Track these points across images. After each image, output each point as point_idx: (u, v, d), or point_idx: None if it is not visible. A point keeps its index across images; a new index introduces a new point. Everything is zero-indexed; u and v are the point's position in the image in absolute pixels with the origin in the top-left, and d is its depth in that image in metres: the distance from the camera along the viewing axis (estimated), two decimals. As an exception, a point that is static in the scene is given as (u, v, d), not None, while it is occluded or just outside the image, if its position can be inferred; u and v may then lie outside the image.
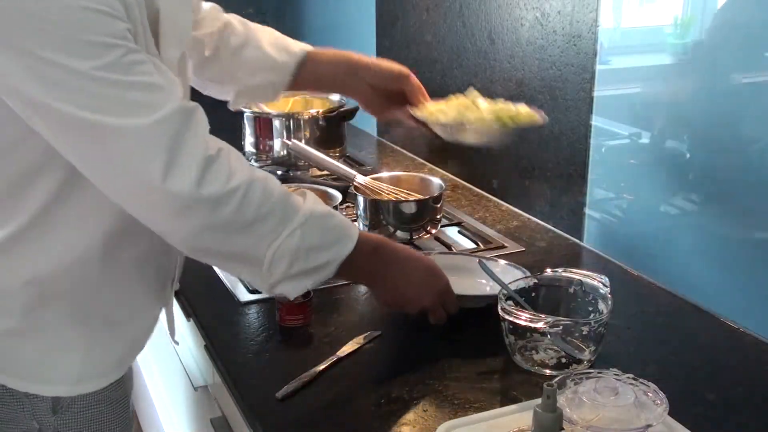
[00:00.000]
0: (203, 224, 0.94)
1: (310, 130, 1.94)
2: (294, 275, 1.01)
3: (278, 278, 1.00)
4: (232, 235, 0.96)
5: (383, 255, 1.12)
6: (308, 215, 1.01)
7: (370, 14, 2.39)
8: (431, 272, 1.18)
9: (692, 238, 1.37)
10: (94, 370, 1.11)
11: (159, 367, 1.97)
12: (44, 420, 1.09)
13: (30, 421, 1.09)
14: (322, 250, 1.02)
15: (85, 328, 1.08)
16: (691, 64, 1.36)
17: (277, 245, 0.98)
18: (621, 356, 1.16)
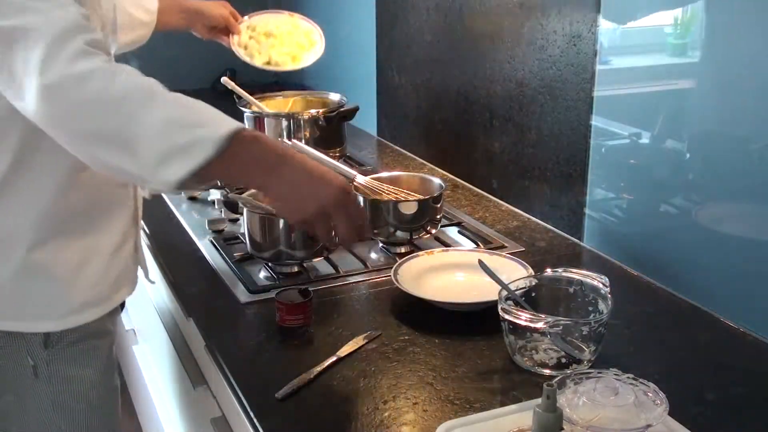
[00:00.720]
0: (73, 101, 0.98)
1: (310, 130, 1.94)
2: (169, 153, 0.97)
3: (154, 158, 0.97)
4: (102, 111, 0.98)
5: (269, 143, 1.05)
6: (179, 95, 1.01)
7: (370, 14, 2.39)
8: (327, 169, 1.08)
9: (692, 238, 1.37)
10: (74, 307, 1.24)
11: (159, 367, 1.97)
12: (37, 355, 1.22)
13: (25, 357, 1.22)
14: (198, 125, 0.99)
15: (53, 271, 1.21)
16: (691, 64, 1.36)
17: (148, 117, 0.98)
18: (621, 356, 1.16)
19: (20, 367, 1.22)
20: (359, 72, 2.52)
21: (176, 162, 0.97)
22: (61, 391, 1.26)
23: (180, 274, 1.49)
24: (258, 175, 1.04)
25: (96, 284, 1.26)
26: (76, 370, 1.26)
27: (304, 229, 1.10)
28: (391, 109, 2.38)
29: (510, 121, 1.80)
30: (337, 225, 1.07)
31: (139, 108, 0.98)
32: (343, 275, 1.45)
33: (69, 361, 1.25)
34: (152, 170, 0.98)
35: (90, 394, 1.29)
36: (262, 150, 1.03)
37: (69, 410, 1.27)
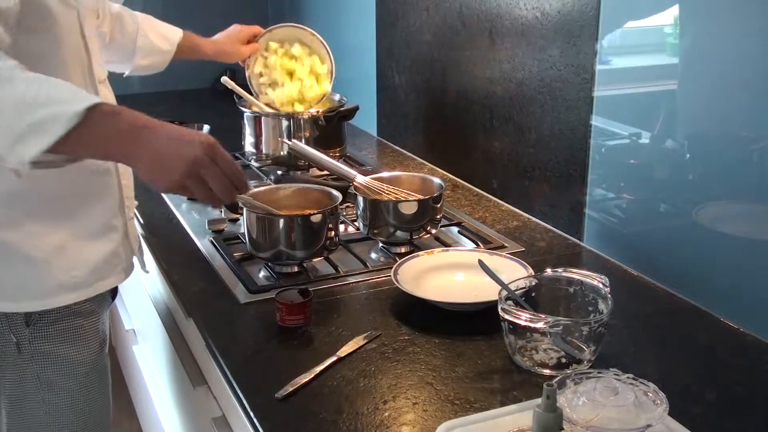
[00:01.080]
0: None
1: (310, 130, 1.94)
2: (25, 131, 0.97)
3: (11, 138, 0.98)
4: None
5: (127, 113, 1.03)
6: (39, 76, 1.01)
7: (370, 14, 2.39)
8: (188, 130, 1.08)
9: (692, 238, 1.37)
10: (51, 289, 1.28)
11: (159, 367, 1.97)
12: (19, 333, 1.28)
13: (8, 334, 1.28)
14: (52, 104, 0.98)
15: (30, 253, 1.25)
16: (692, 64, 1.36)
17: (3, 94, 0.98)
18: (621, 356, 1.16)
19: (3, 343, 1.28)
20: (359, 72, 2.52)
21: (32, 140, 0.97)
22: (47, 368, 1.31)
23: (180, 274, 1.49)
24: (119, 147, 1.04)
25: (72, 269, 1.29)
26: (60, 348, 1.31)
27: (182, 194, 1.09)
28: (391, 109, 2.38)
29: (510, 121, 1.80)
30: (210, 182, 1.06)
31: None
32: (343, 275, 1.45)
33: (53, 339, 1.30)
34: (9, 150, 0.99)
35: (77, 371, 1.33)
36: (121, 122, 1.02)
37: (56, 387, 1.32)
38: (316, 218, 1.42)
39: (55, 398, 1.33)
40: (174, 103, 2.33)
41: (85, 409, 1.36)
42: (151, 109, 1.70)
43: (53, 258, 1.27)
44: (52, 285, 1.28)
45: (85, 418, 1.37)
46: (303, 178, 1.83)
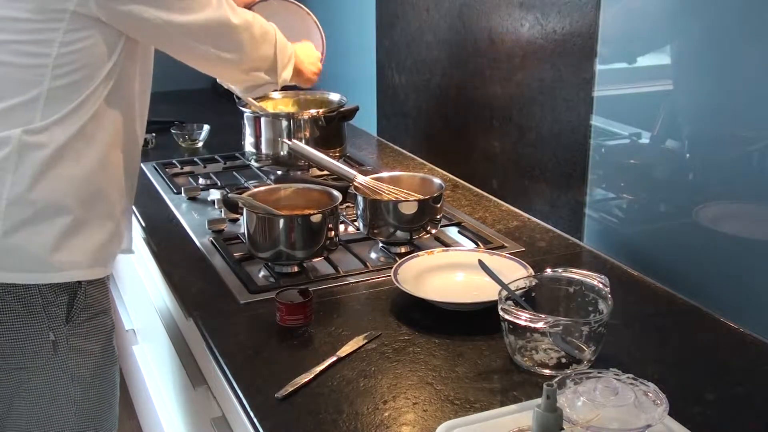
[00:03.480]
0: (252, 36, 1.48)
1: (310, 130, 1.94)
2: (284, 64, 1.58)
3: (281, 68, 1.57)
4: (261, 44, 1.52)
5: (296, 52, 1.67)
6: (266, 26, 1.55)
7: (370, 14, 2.39)
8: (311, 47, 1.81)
9: (692, 238, 1.37)
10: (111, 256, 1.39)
11: (159, 367, 1.97)
12: (59, 330, 1.31)
13: (47, 333, 1.30)
14: (286, 46, 1.60)
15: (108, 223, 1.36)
16: (692, 64, 1.36)
17: (274, 47, 1.55)
18: (621, 356, 1.16)
19: (40, 343, 1.30)
20: (359, 72, 2.52)
21: (287, 67, 1.59)
22: (80, 365, 1.35)
23: (180, 274, 1.49)
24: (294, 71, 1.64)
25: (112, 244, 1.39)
26: (90, 345, 1.36)
27: None
28: (391, 109, 2.38)
29: (510, 121, 1.80)
30: None
31: (271, 41, 1.54)
32: (343, 275, 1.45)
33: (85, 335, 1.35)
34: (280, 76, 1.58)
35: (102, 366, 1.39)
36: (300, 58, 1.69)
37: (85, 383, 1.36)
38: (316, 218, 1.42)
39: (83, 394, 1.36)
40: (174, 103, 2.33)
41: (106, 402, 1.42)
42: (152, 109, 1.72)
43: (120, 227, 1.41)
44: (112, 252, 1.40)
45: (108, 411, 1.43)
46: (303, 178, 1.83)
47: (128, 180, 1.44)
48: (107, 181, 1.35)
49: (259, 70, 1.53)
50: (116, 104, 1.34)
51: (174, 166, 2.13)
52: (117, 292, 2.55)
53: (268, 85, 1.57)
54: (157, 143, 2.33)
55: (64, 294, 1.30)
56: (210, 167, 2.12)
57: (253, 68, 1.52)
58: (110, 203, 1.37)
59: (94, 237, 1.33)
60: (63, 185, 1.28)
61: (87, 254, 1.32)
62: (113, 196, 1.37)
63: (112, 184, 1.37)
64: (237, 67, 1.50)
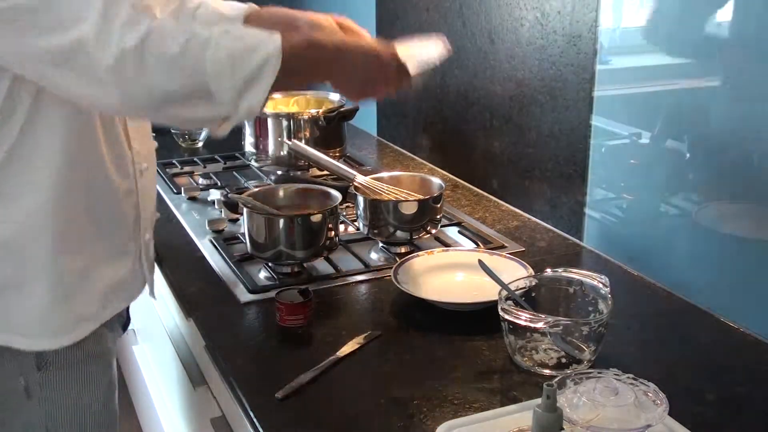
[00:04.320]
0: (138, 71, 0.98)
1: (310, 130, 1.94)
2: (242, 85, 1.02)
3: (230, 95, 1.03)
4: (168, 72, 1.00)
5: (318, 43, 1.12)
6: (224, 28, 1.04)
7: (370, 14, 2.39)
8: (378, 46, 1.17)
9: (692, 239, 1.37)
10: (69, 322, 1.18)
11: (159, 367, 1.97)
12: (30, 377, 1.16)
13: (17, 378, 1.16)
14: (253, 50, 1.03)
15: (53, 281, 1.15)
16: (691, 64, 1.36)
17: (209, 63, 1.00)
18: (621, 356, 1.16)
19: (11, 387, 1.17)
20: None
21: (253, 89, 1.03)
22: (55, 417, 1.20)
23: (180, 274, 1.49)
24: (320, 75, 1.17)
25: (90, 298, 1.20)
26: (72, 395, 1.20)
27: None
28: (391, 109, 2.38)
29: (510, 121, 1.80)
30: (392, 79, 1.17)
31: (200, 54, 1.00)
32: (343, 275, 1.45)
33: (64, 384, 1.19)
34: (234, 106, 1.04)
35: (87, 420, 1.24)
36: (315, 50, 1.10)
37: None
38: (316, 218, 1.42)
39: None
40: (174, 103, 2.32)
41: None
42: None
43: (74, 287, 1.18)
44: (71, 317, 1.18)
45: None
46: (303, 178, 1.83)
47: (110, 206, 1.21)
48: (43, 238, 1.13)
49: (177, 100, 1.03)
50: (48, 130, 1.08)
51: (174, 166, 2.13)
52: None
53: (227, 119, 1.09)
54: (157, 143, 2.33)
55: None
56: (210, 167, 2.13)
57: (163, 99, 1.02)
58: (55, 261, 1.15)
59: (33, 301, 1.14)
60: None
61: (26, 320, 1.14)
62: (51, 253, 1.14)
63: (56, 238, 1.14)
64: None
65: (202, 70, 1.00)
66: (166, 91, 1.00)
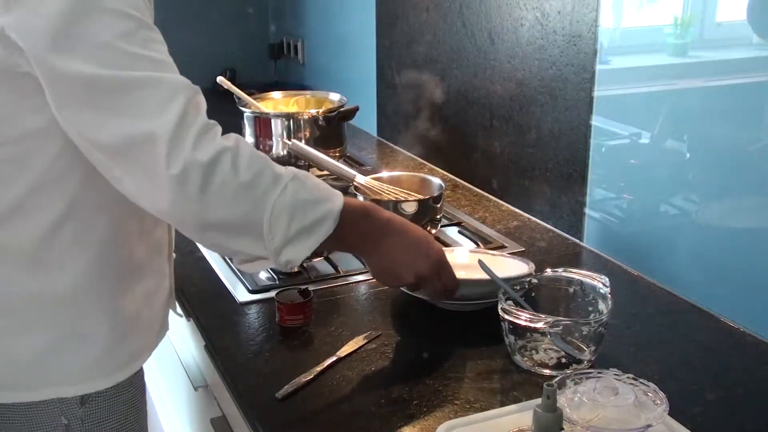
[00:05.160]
0: (201, 189, 0.93)
1: (310, 130, 1.94)
2: (294, 235, 0.99)
3: (280, 241, 0.99)
4: (231, 199, 0.96)
5: (376, 216, 1.10)
6: (294, 172, 1.01)
7: (370, 14, 2.39)
8: (426, 239, 1.14)
9: (692, 238, 1.37)
10: (124, 359, 1.16)
11: (159, 367, 1.97)
12: (72, 414, 1.12)
13: (59, 418, 1.12)
14: (317, 204, 1.01)
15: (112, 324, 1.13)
16: (691, 64, 1.36)
17: (272, 203, 0.97)
18: (621, 356, 1.16)
19: (52, 427, 1.12)
20: (359, 72, 2.52)
21: (300, 242, 1.00)
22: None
23: (180, 274, 1.49)
24: (362, 247, 1.11)
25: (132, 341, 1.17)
26: (112, 426, 1.17)
27: None
28: (391, 109, 2.38)
29: (510, 121, 1.80)
30: (428, 288, 1.16)
31: (267, 193, 0.97)
32: (343, 275, 1.45)
33: (105, 416, 1.16)
34: (277, 253, 1.00)
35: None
36: (370, 223, 1.08)
37: None
38: (316, 218, 1.42)
39: None
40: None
41: None
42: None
43: (130, 325, 1.16)
44: (127, 354, 1.16)
45: None
46: (303, 178, 1.83)
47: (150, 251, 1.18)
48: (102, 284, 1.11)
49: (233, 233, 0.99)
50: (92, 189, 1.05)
51: (174, 166, 2.12)
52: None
53: (265, 262, 1.04)
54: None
55: None
56: (210, 167, 2.12)
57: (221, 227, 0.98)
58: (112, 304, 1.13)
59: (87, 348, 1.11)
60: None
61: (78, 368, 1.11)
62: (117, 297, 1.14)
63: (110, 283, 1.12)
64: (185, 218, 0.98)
65: (263, 208, 0.97)
66: (220, 218, 0.96)
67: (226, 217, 0.96)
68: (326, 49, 2.86)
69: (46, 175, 1.03)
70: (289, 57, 3.13)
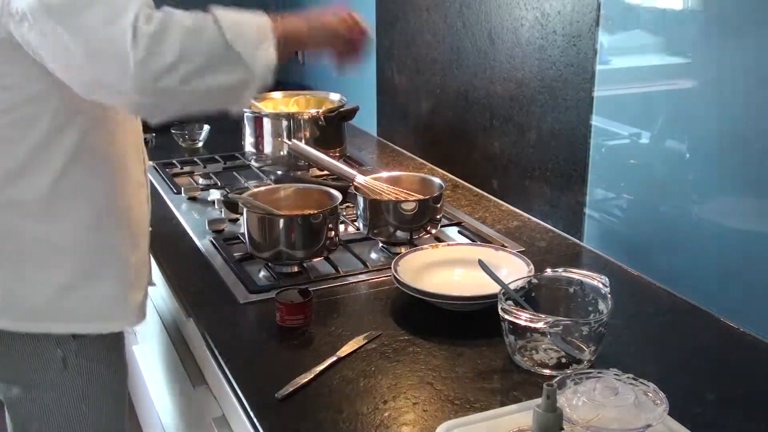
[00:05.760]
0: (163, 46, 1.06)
1: (310, 130, 1.94)
2: (255, 45, 1.14)
3: (247, 53, 1.12)
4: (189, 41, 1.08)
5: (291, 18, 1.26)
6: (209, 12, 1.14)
7: (370, 14, 2.39)
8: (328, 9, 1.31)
9: (692, 238, 1.37)
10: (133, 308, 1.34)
11: (159, 367, 1.97)
12: (66, 346, 1.29)
13: (54, 350, 1.28)
14: (253, 17, 1.16)
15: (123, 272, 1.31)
16: (691, 64, 1.36)
17: (222, 26, 1.10)
18: (621, 356, 1.16)
19: (49, 359, 1.28)
20: (359, 72, 2.52)
21: (263, 47, 1.15)
22: (90, 383, 1.32)
23: (180, 274, 1.49)
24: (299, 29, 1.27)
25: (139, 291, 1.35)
26: (102, 363, 1.34)
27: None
28: (391, 109, 2.38)
29: (510, 121, 1.80)
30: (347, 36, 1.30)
31: (212, 26, 1.11)
32: (343, 275, 1.45)
33: (96, 353, 1.32)
34: (252, 65, 1.13)
35: (114, 386, 1.38)
36: (292, 20, 1.25)
37: (96, 402, 1.34)
38: (316, 218, 1.42)
39: (96, 414, 1.35)
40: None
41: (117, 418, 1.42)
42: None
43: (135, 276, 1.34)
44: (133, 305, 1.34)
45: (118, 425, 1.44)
46: (303, 178, 1.83)
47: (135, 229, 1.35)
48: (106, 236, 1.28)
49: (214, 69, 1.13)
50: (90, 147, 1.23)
51: (174, 166, 2.13)
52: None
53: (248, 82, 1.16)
54: (157, 143, 2.33)
55: None
56: (210, 167, 2.13)
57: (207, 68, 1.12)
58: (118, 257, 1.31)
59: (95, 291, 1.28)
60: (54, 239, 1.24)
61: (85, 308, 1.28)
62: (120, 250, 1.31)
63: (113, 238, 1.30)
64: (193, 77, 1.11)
65: (216, 35, 1.10)
66: (191, 61, 1.08)
67: (195, 59, 1.09)
68: (326, 49, 2.86)
69: (46, 135, 1.18)
70: (289, 57, 3.12)
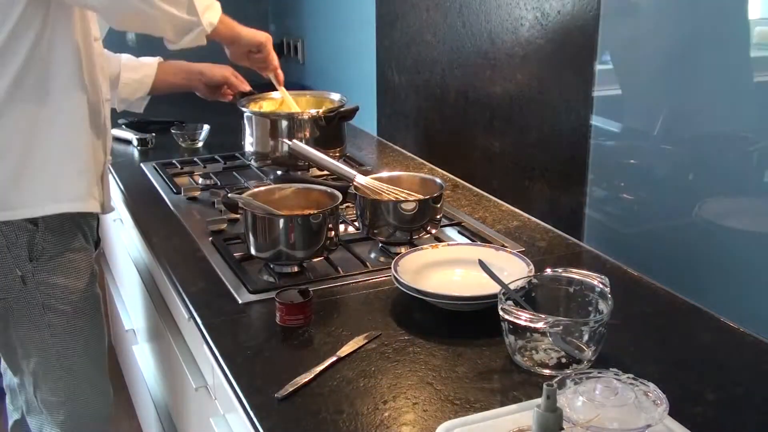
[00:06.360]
0: None
1: (310, 130, 1.94)
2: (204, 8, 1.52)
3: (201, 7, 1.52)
4: None
5: None
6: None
7: (370, 14, 2.39)
8: None
9: (692, 238, 1.37)
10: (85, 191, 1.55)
11: (159, 367, 1.97)
12: (24, 267, 1.52)
13: (14, 269, 1.51)
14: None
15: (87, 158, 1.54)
16: (691, 64, 1.36)
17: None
18: (621, 356, 1.16)
19: (10, 278, 1.52)
20: (359, 72, 2.52)
21: (212, 9, 1.56)
22: (49, 296, 1.55)
23: (180, 274, 1.49)
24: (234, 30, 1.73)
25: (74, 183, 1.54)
26: (58, 279, 1.55)
27: None
28: (391, 109, 2.38)
29: (510, 121, 1.80)
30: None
31: None
32: (343, 275, 1.45)
33: (52, 271, 1.54)
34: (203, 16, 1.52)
35: (72, 297, 1.57)
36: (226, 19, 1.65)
37: (57, 310, 1.56)
38: (316, 218, 1.42)
39: (59, 319, 1.57)
40: (174, 103, 2.33)
41: (83, 329, 1.61)
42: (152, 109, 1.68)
43: (91, 163, 1.56)
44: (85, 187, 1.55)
45: (84, 338, 1.61)
46: (303, 178, 1.83)
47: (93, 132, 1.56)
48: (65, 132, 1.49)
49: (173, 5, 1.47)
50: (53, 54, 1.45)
51: (174, 166, 2.13)
52: (117, 292, 2.55)
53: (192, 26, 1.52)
54: (157, 143, 2.33)
55: (23, 235, 1.49)
56: (210, 167, 2.13)
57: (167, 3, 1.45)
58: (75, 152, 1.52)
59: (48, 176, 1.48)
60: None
61: (41, 192, 1.48)
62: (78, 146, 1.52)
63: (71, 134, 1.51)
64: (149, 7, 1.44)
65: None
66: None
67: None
68: (326, 49, 2.86)
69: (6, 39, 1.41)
70: (289, 57, 3.13)
